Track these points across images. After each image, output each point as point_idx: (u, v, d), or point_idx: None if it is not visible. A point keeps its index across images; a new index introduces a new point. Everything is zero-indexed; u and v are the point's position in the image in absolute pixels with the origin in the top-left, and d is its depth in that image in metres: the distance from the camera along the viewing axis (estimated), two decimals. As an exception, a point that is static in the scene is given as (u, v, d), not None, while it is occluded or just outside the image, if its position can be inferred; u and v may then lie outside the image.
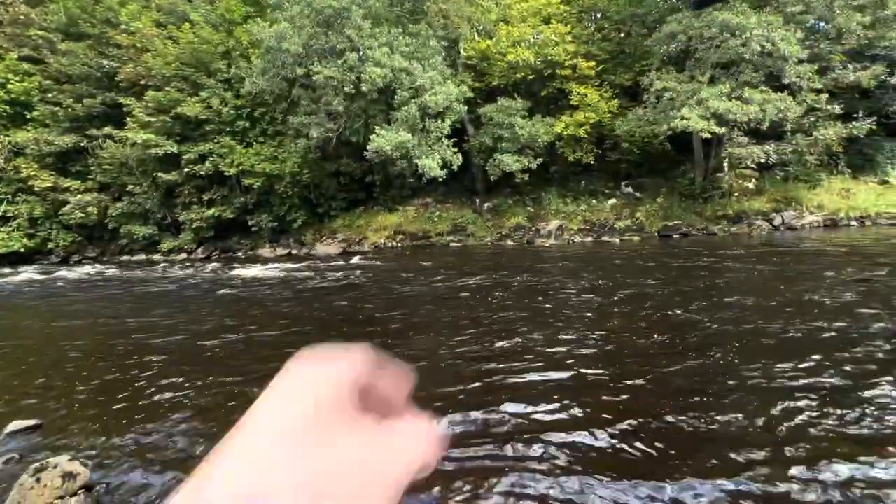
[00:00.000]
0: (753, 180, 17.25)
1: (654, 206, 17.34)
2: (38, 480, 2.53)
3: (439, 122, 17.59)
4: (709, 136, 14.73)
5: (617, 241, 15.71)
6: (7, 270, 18.01)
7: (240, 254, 20.77)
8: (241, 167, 19.90)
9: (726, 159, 16.60)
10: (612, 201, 18.29)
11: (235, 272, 13.19)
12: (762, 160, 15.72)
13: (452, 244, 18.12)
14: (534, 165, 17.65)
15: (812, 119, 15.88)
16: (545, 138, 17.58)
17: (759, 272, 8.08)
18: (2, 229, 21.16)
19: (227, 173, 20.00)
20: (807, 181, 16.85)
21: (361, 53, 17.22)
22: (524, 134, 17.34)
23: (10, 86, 21.68)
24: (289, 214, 20.81)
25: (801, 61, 14.63)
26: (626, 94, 18.97)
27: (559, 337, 5.00)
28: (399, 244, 18.90)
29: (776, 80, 14.98)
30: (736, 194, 16.87)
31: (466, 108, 18.67)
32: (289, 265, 14.44)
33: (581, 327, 5.36)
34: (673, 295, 6.68)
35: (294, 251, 19.77)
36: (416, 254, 15.92)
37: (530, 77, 18.87)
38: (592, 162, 18.23)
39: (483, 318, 6.02)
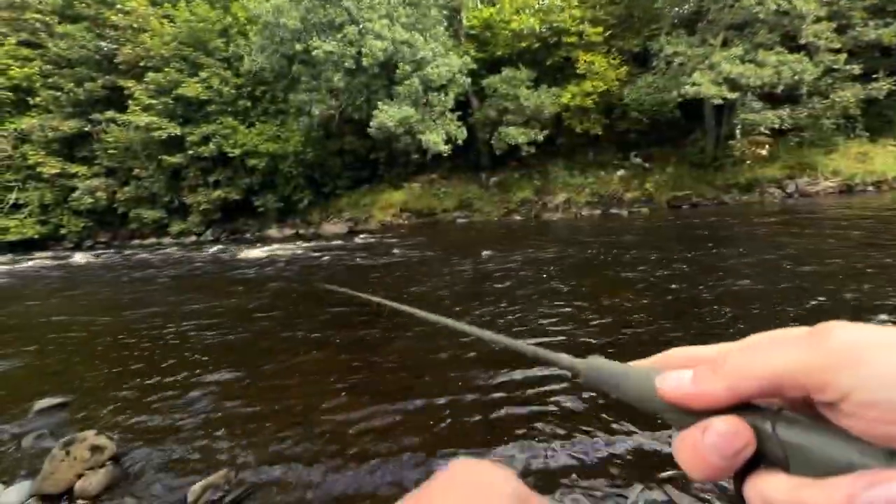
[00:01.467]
0: (767, 147, 16.80)
1: (664, 177, 17.04)
2: (67, 453, 2.65)
3: (442, 95, 17.25)
4: (721, 102, 14.31)
5: (625, 213, 15.55)
6: (22, 257, 18.36)
7: (248, 235, 20.93)
8: (244, 148, 19.82)
9: (739, 126, 16.16)
10: (621, 173, 17.99)
11: (243, 254, 13.32)
12: (776, 126, 15.27)
13: (459, 220, 18.06)
14: (540, 138, 17.34)
15: (829, 81, 15.30)
16: (551, 109, 17.20)
17: (766, 240, 7.98)
18: (15, 216, 21.46)
19: (230, 154, 19.95)
20: (823, 146, 16.37)
21: (361, 26, 16.79)
22: (530, 105, 16.98)
23: (10, 72, 21.56)
24: (294, 194, 20.81)
25: (818, 19, 14.01)
26: (634, 61, 18.38)
27: (561, 310, 5.02)
28: (405, 221, 18.88)
29: (792, 41, 14.39)
30: (748, 162, 16.49)
31: (470, 80, 18.25)
32: (296, 245, 14.54)
33: (582, 301, 5.37)
34: (677, 267, 6.64)
35: (301, 231, 19.87)
36: (421, 231, 15.92)
37: (535, 46, 18.32)
38: (600, 133, 17.85)
39: (488, 293, 6.05)
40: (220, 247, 16.76)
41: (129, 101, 20.42)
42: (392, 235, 15.23)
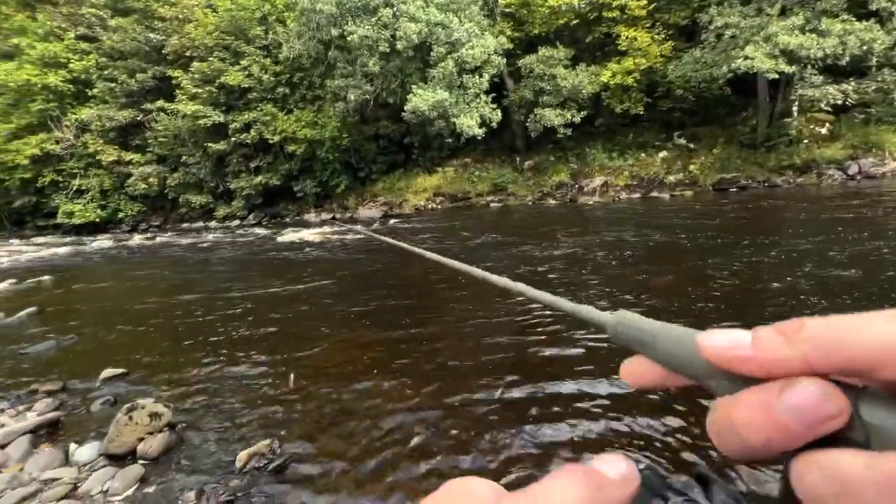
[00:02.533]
0: (827, 125, 15.54)
1: (710, 158, 16.16)
2: (130, 418, 2.91)
3: (477, 77, 16.97)
4: (776, 76, 13.30)
5: (667, 196, 14.91)
6: (86, 239, 19.86)
7: (287, 219, 21.66)
8: (283, 134, 20.37)
9: (796, 102, 15.01)
10: (663, 154, 17.20)
11: (284, 237, 13.83)
12: (839, 101, 14.06)
13: (493, 204, 17.92)
14: (577, 119, 16.81)
15: (904, 50, 13.87)
16: (590, 89, 16.58)
17: (822, 225, 7.46)
18: (78, 201, 23.17)
19: (270, 141, 20.58)
20: (892, 123, 14.96)
21: (395, 9, 16.69)
22: (567, 85, 16.43)
23: (71, 65, 23.02)
24: (331, 179, 21.28)
25: (894, -19, 12.66)
26: (681, 35, 17.34)
27: (601, 298, 4.93)
28: (439, 206, 18.94)
29: (861, 7, 13.11)
30: (805, 141, 15.33)
31: (505, 60, 17.83)
32: (333, 229, 14.94)
33: (619, 286, 5.25)
34: (735, 254, 6.34)
35: (338, 215, 20.35)
36: (455, 215, 15.93)
37: (574, 22, 17.60)
38: (641, 112, 17.07)
39: (525, 275, 6.02)
40: (262, 230, 17.46)
41: (177, 91, 21.38)
42: (426, 219, 15.34)
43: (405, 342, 4.17)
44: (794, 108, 15.36)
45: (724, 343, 0.22)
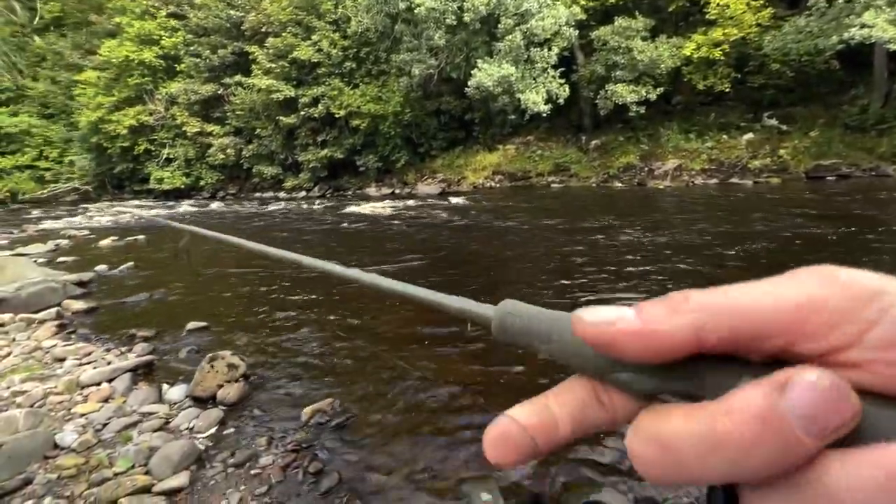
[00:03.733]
0: (960, 105, 13.28)
1: (806, 142, 14.43)
2: (212, 367, 3.21)
3: (545, 51, 16.24)
4: (899, 47, 11.48)
5: (749, 183, 13.62)
6: (173, 203, 21.87)
7: (349, 192, 22.41)
8: (348, 108, 20.86)
9: (921, 78, 12.92)
10: (749, 136, 15.61)
11: (348, 209, 14.35)
12: (980, 77, 11.93)
13: (553, 185, 17.36)
14: (653, 96, 15.64)
15: None
16: (669, 63, 15.31)
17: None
18: (167, 169, 25.43)
19: (336, 115, 21.16)
20: None
21: (464, -21, 16.25)
22: (644, 59, 15.27)
23: (162, 41, 24.92)
24: (392, 154, 21.61)
25: None
26: (782, 1, 15.39)
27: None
28: (497, 184, 18.66)
29: None
30: (929, 124, 13.23)
31: (577, 32, 16.86)
32: (393, 204, 15.26)
33: (682, 284, 4.91)
34: (831, 251, 5.70)
35: (397, 190, 20.72)
36: (514, 194, 15.63)
37: (657, -11, 16.20)
38: (727, 89, 15.51)
39: (575, 266, 5.82)
40: (326, 202, 18.23)
41: (253, 66, 22.50)
42: (483, 198, 15.20)
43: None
44: (919, 86, 13.24)
45: (603, 317, 0.19)
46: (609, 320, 0.19)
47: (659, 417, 0.17)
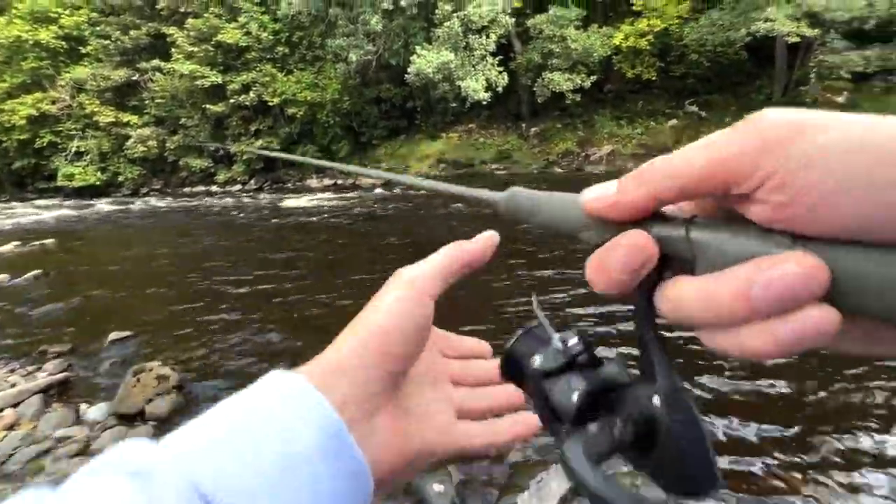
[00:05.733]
0: (845, 94, 15.02)
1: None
2: (138, 380, 2.95)
3: (483, 38, 16.33)
4: (797, 40, 12.73)
5: (675, 166, 14.63)
6: (87, 202, 19.77)
7: (289, 185, 21.44)
8: (283, 96, 19.83)
9: (815, 69, 14.45)
10: (673, 122, 16.74)
11: (285, 202, 13.72)
12: (859, 69, 13.54)
13: (497, 172, 17.65)
14: (587, 84, 16.26)
15: (934, 13, 13.21)
16: (601, 52, 15.96)
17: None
18: (77, 164, 22.88)
19: (270, 103, 20.04)
20: (913, 92, 14.46)
21: (399, -38, 15.86)
22: (577, 48, 15.80)
23: (62, 20, 22.16)
24: (333, 144, 20.89)
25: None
26: (699, -6, 16.49)
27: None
28: (442, 173, 18.66)
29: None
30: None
31: (514, 20, 17.08)
32: (335, 195, 14.80)
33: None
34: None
35: (339, 181, 20.09)
36: (460, 182, 15.68)
37: (587, -21, 16.76)
38: (653, 78, 16.48)
39: (520, 246, 5.98)
40: (263, 195, 17.32)
41: (173, 49, 20.67)
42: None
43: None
44: (812, 76, 14.81)
45: (596, 194, 0.25)
46: (597, 197, 0.25)
47: (677, 282, 0.22)
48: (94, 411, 2.93)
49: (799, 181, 0.18)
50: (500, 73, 16.81)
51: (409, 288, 0.33)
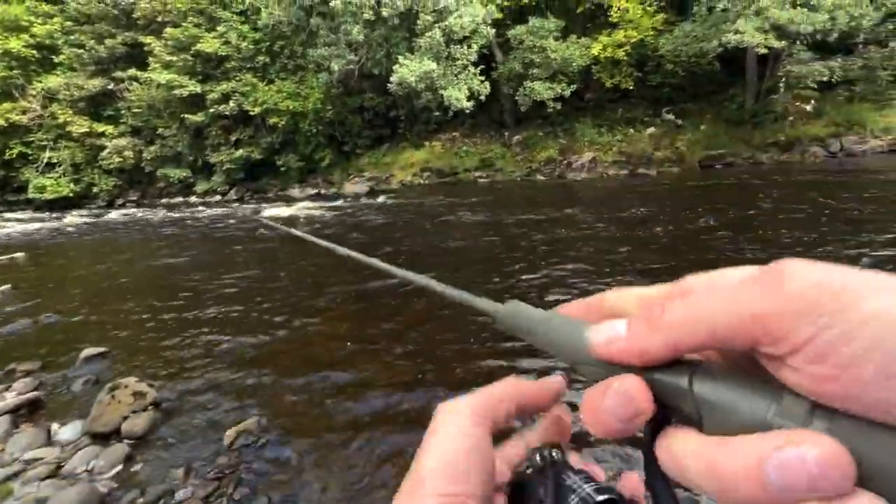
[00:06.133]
0: (812, 102, 15.64)
1: (697, 135, 16.19)
2: (113, 397, 2.84)
3: (465, 48, 16.52)
4: (765, 51, 13.24)
5: (653, 173, 14.96)
6: (60, 214, 19.16)
7: (270, 194, 21.17)
8: (264, 106, 19.68)
9: (783, 79, 15.01)
10: (651, 130, 17.16)
11: (266, 213, 13.54)
12: (825, 79, 14.12)
13: (480, 180, 17.77)
14: (567, 93, 16.57)
15: (890, 27, 13.90)
16: (580, 62, 16.30)
17: (788, 202, 7.59)
18: (49, 175, 22.20)
19: (251, 112, 19.87)
20: (875, 101, 15.12)
21: (380, -27, 15.99)
22: (557, 58, 16.11)
23: (34, 28, 21.63)
24: (315, 153, 20.76)
25: (886, -45, 12.57)
26: (672, 7, 17.05)
27: (581, 274, 4.96)
28: (426, 181, 18.70)
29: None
30: (790, 119, 15.43)
31: (494, 31, 17.36)
32: (317, 205, 14.67)
33: (601, 264, 5.28)
34: (702, 229, 6.41)
35: (322, 191, 19.95)
36: (443, 191, 15.76)
37: (565, -9, 17.16)
38: (631, 87, 16.90)
39: (505, 253, 6.02)
40: (244, 206, 17.06)
41: (150, 58, 20.35)
42: (414, 195, 15.15)
43: (386, 323, 4.15)
44: (781, 85, 15.38)
45: (605, 337, 0.24)
46: (606, 341, 0.23)
47: (678, 437, 0.21)
48: (67, 431, 2.81)
49: (840, 356, 0.16)
50: (483, 82, 17.01)
51: (450, 423, 0.28)
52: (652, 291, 0.26)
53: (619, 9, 16.23)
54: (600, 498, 0.26)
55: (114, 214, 17.66)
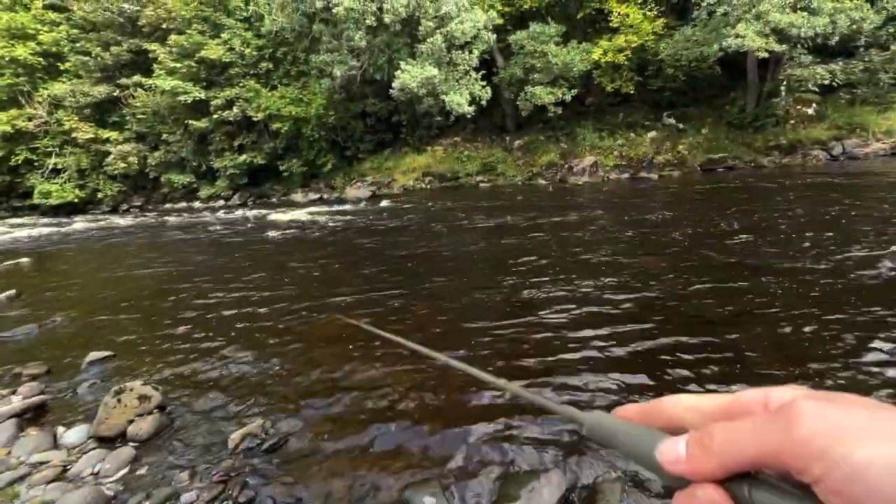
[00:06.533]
0: (814, 105, 15.66)
1: (699, 138, 16.20)
2: (119, 401, 2.86)
3: (466, 53, 16.62)
4: (766, 55, 13.27)
5: (655, 176, 14.98)
6: (65, 220, 19.29)
7: (274, 199, 21.28)
8: (267, 111, 19.82)
9: (784, 82, 15.04)
10: (652, 134, 17.19)
11: (270, 218, 13.60)
12: (826, 82, 14.15)
13: (482, 184, 17.82)
14: (568, 97, 16.64)
15: (891, 30, 13.93)
16: (581, 67, 16.37)
17: (797, 205, 7.58)
18: (55, 181, 22.39)
19: (254, 118, 20.01)
20: (877, 104, 15.13)
21: (382, -20, 16.14)
22: (558, 63, 16.19)
23: (40, 36, 21.89)
24: (318, 158, 20.87)
25: (886, -41, 12.62)
26: (672, 12, 17.13)
27: (588, 282, 4.97)
28: (428, 186, 18.76)
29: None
30: (792, 122, 15.45)
31: (496, 36, 17.46)
32: (320, 209, 14.73)
33: (603, 272, 5.29)
34: (696, 233, 6.41)
35: (325, 195, 20.04)
36: (445, 195, 15.81)
37: (565, -3, 17.26)
38: (632, 91, 16.96)
39: (509, 259, 6.03)
40: (248, 211, 17.15)
41: (154, 65, 20.54)
42: (415, 200, 15.20)
43: (394, 326, 4.17)
44: (783, 89, 15.41)
45: (672, 457, 0.30)
46: (673, 460, 0.29)
47: None
48: (73, 434, 2.83)
49: (851, 495, 0.21)
50: (484, 87, 17.10)
51: None
52: (703, 403, 0.32)
53: (619, 14, 16.32)
54: None
55: (118, 220, 17.77)
